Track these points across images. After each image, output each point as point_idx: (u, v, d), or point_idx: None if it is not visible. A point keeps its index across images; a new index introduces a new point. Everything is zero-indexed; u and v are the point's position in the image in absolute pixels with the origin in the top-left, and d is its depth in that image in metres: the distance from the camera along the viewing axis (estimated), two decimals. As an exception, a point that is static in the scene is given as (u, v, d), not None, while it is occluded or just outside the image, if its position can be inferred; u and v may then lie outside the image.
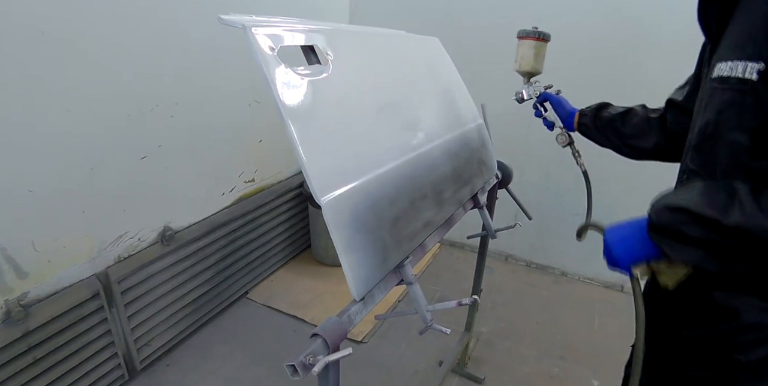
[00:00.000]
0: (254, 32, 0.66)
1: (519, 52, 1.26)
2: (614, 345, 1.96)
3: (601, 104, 1.16)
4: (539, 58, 1.26)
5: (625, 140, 1.08)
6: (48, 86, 1.26)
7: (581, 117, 1.19)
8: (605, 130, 1.12)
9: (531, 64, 1.25)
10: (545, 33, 1.23)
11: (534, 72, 1.27)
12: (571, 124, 1.22)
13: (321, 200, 0.65)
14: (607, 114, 1.12)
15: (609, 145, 1.13)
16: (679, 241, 0.64)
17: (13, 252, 1.28)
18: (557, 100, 1.26)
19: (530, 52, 1.24)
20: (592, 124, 1.15)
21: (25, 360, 1.32)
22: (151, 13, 1.49)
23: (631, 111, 1.08)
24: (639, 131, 1.05)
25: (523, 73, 1.30)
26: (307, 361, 0.59)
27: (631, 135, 1.06)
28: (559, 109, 1.25)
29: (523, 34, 1.24)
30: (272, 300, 2.19)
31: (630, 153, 1.10)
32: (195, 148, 1.79)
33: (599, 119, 1.13)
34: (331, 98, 0.75)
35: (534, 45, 1.23)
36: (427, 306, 0.81)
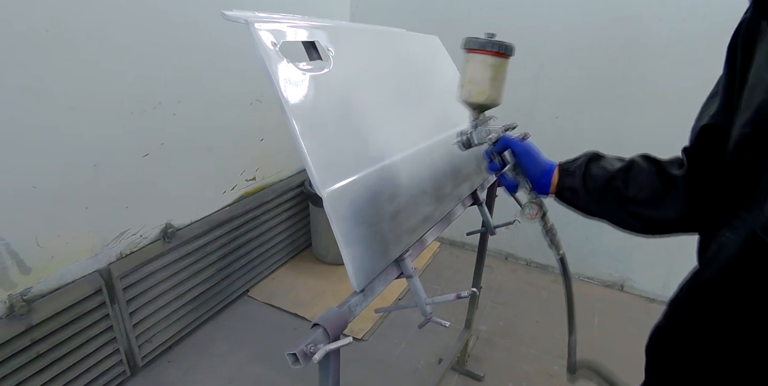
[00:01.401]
0: (257, 27, 0.67)
1: (467, 72, 0.82)
2: (614, 344, 1.97)
3: (589, 156, 0.78)
4: (497, 83, 0.82)
5: (632, 209, 0.72)
6: (52, 84, 1.28)
7: (564, 176, 0.79)
8: (602, 195, 0.75)
9: (486, 92, 0.81)
10: (507, 44, 0.80)
11: (489, 103, 0.83)
12: (545, 185, 0.81)
13: (322, 192, 0.66)
14: (599, 170, 0.75)
15: (605, 215, 0.77)
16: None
17: (17, 248, 1.29)
18: (524, 150, 0.82)
19: (485, 74, 0.80)
20: (582, 187, 0.76)
21: (28, 355, 1.34)
22: (153, 12, 1.50)
23: (634, 165, 0.74)
24: (653, 194, 0.70)
25: (471, 105, 0.84)
26: (308, 350, 0.60)
27: (642, 200, 0.71)
28: (528, 162, 0.82)
29: (476, 47, 0.80)
30: (273, 299, 2.20)
31: (640, 226, 0.73)
32: (197, 146, 1.80)
33: (591, 179, 0.75)
34: (333, 93, 0.77)
35: (491, 63, 0.80)
36: (427, 300, 0.82)
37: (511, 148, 0.83)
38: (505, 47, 0.79)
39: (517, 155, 0.83)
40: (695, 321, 0.55)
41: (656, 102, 2.06)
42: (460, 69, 0.84)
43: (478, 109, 0.85)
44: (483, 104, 0.83)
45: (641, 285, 2.38)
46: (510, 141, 0.83)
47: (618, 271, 2.42)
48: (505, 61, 0.81)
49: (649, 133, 2.10)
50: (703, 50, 1.88)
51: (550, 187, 0.81)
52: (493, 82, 0.81)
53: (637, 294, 2.39)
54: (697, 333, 0.55)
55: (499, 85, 0.82)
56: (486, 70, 0.80)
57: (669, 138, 2.02)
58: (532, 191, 0.84)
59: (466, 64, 0.82)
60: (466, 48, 0.82)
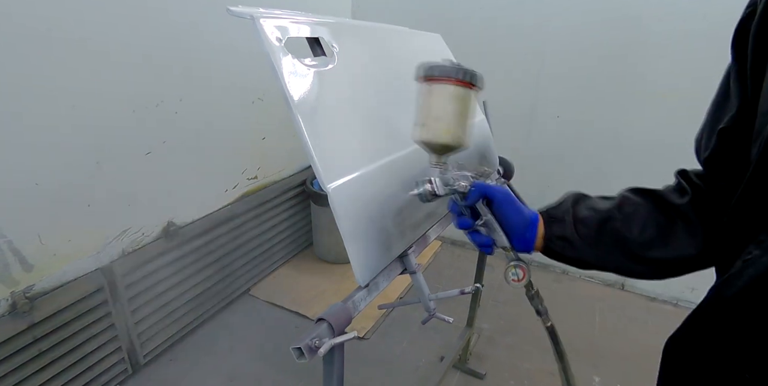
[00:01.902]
0: (262, 23, 0.67)
1: (429, 105, 0.67)
2: (615, 343, 1.97)
3: (574, 197, 0.68)
4: (464, 118, 0.67)
5: (638, 251, 0.61)
6: (54, 82, 1.28)
7: (551, 224, 0.66)
8: (597, 239, 0.63)
9: (452, 130, 0.66)
10: (476, 73, 0.66)
11: (455, 145, 0.68)
12: (530, 240, 0.67)
13: (327, 187, 0.67)
14: (589, 212, 0.64)
15: (606, 264, 0.64)
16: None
17: (20, 245, 1.29)
18: (505, 198, 0.67)
19: (450, 108, 0.66)
20: (575, 233, 0.64)
21: (30, 352, 1.34)
22: (155, 10, 1.51)
23: (626, 201, 0.64)
24: (660, 232, 0.59)
25: (434, 147, 0.69)
26: (313, 344, 0.60)
27: (649, 241, 0.60)
28: (510, 214, 0.67)
29: (438, 74, 0.66)
30: (274, 297, 2.21)
31: (648, 271, 0.62)
32: (199, 145, 1.81)
33: (583, 225, 0.64)
34: (337, 89, 0.77)
35: (458, 95, 0.66)
36: (431, 295, 0.83)
37: (489, 198, 0.67)
38: (474, 76, 0.66)
39: (498, 205, 0.67)
40: (714, 337, 0.51)
41: (657, 102, 2.06)
42: (417, 103, 0.69)
43: (441, 151, 0.69)
44: (448, 145, 0.67)
45: (642, 284, 2.38)
46: (488, 188, 0.67)
47: (617, 281, 2.42)
48: (474, 93, 0.68)
49: (650, 133, 2.11)
50: (703, 50, 1.88)
51: (534, 242, 0.67)
52: (461, 117, 0.67)
53: (638, 293, 2.39)
54: (715, 349, 0.51)
55: (466, 123, 0.68)
56: (451, 103, 0.66)
57: (669, 138, 2.04)
58: (512, 249, 0.68)
59: (426, 98, 0.67)
60: (425, 76, 0.67)
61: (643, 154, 2.14)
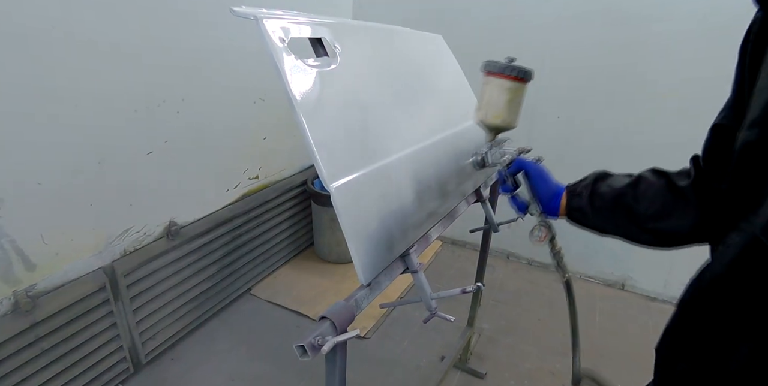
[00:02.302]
0: (266, 24, 0.68)
1: (485, 94, 0.85)
2: (615, 342, 1.98)
3: (596, 175, 0.81)
4: (514, 106, 0.85)
5: (644, 223, 0.73)
6: (57, 82, 1.28)
7: (571, 197, 0.81)
8: (612, 213, 0.76)
9: (501, 115, 0.84)
10: (526, 69, 0.82)
11: (505, 126, 0.87)
12: (554, 207, 0.84)
13: (330, 186, 0.67)
14: (607, 188, 0.77)
15: (619, 231, 0.77)
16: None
17: (22, 244, 1.30)
18: (537, 172, 0.85)
19: (502, 97, 0.83)
20: (590, 206, 0.78)
21: (32, 351, 1.34)
22: (158, 10, 1.51)
23: (642, 180, 0.75)
24: (664, 207, 0.71)
25: (487, 127, 0.88)
26: (316, 342, 0.61)
27: (653, 214, 0.71)
28: (540, 185, 0.85)
29: (494, 69, 0.83)
30: (275, 297, 2.21)
31: (654, 240, 0.74)
32: (200, 145, 1.81)
33: (599, 198, 0.77)
34: (339, 89, 0.77)
35: (508, 87, 0.82)
36: (432, 294, 0.83)
37: (525, 170, 0.86)
38: (524, 72, 0.82)
39: (530, 177, 0.86)
40: (701, 321, 0.54)
41: (657, 102, 2.07)
42: (478, 91, 0.87)
43: (493, 131, 0.89)
44: (498, 127, 0.87)
45: (642, 284, 2.39)
46: (524, 163, 0.86)
47: (619, 270, 2.42)
48: (523, 85, 0.84)
49: (650, 133, 2.11)
50: (704, 50, 1.88)
51: (559, 210, 0.84)
52: (510, 105, 0.84)
53: (638, 293, 2.40)
54: (703, 334, 0.54)
55: (516, 109, 0.86)
56: (503, 93, 0.83)
57: (670, 138, 2.04)
58: (541, 214, 0.86)
59: (485, 87, 0.85)
60: (485, 71, 0.84)
61: (643, 154, 2.14)
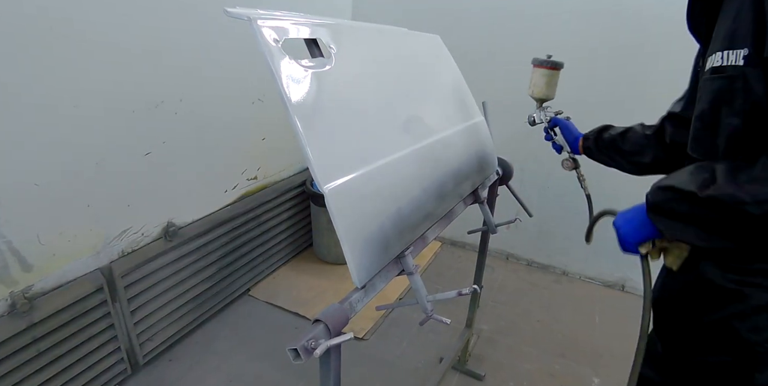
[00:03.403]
0: (260, 24, 0.67)
1: (532, 79, 1.34)
2: (615, 344, 1.97)
3: (602, 127, 1.23)
4: (551, 86, 1.34)
5: (626, 157, 1.14)
6: (55, 82, 1.28)
7: (585, 141, 1.26)
8: (608, 150, 1.18)
9: (543, 92, 1.34)
10: (558, 62, 1.31)
11: (546, 98, 1.36)
12: (576, 148, 1.29)
13: (324, 188, 0.66)
14: (608, 135, 1.18)
15: (613, 163, 1.19)
16: (671, 218, 0.70)
17: (19, 245, 1.29)
18: (565, 125, 1.33)
19: (542, 80, 1.32)
20: (595, 146, 1.22)
21: (29, 353, 1.34)
22: (156, 11, 1.51)
23: (630, 130, 1.14)
24: (638, 147, 1.10)
25: (535, 99, 1.39)
26: (309, 345, 0.61)
27: (632, 152, 1.12)
28: (567, 133, 1.32)
29: (537, 63, 1.32)
30: (274, 298, 2.21)
31: (632, 169, 1.15)
32: (199, 145, 1.81)
33: (601, 141, 1.20)
34: (335, 90, 0.77)
35: (546, 73, 1.31)
36: (428, 297, 0.82)
37: (558, 125, 1.36)
38: (556, 64, 1.31)
39: (561, 128, 1.35)
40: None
41: (658, 102, 2.04)
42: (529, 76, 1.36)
43: (539, 101, 1.39)
44: (542, 99, 1.38)
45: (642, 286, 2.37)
46: (558, 120, 1.37)
47: (619, 271, 2.42)
48: (556, 72, 1.33)
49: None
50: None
51: (579, 149, 1.29)
52: (548, 85, 1.34)
53: (638, 294, 2.38)
54: None
55: (553, 87, 1.35)
56: (543, 77, 1.33)
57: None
58: (569, 152, 1.34)
59: (532, 74, 1.34)
60: (532, 64, 1.33)
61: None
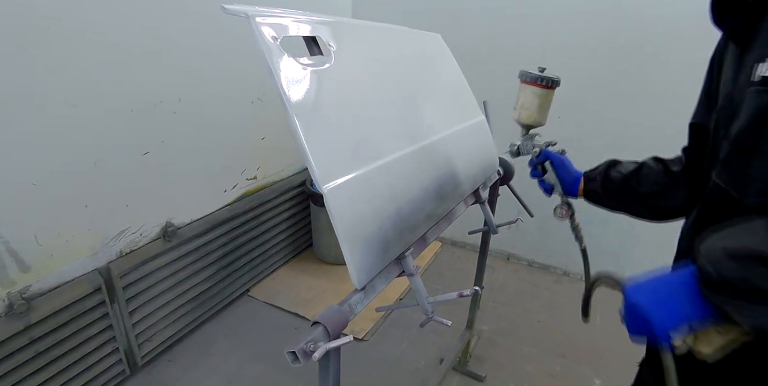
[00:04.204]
0: (258, 22, 0.66)
1: (520, 98, 1.07)
2: (615, 345, 1.96)
3: (608, 163, 0.98)
4: (544, 109, 1.06)
5: (645, 201, 0.90)
6: (53, 82, 1.27)
7: (588, 182, 1.01)
8: (619, 193, 0.94)
9: (534, 116, 1.06)
10: (554, 78, 1.02)
11: (536, 124, 1.09)
12: (575, 190, 1.03)
13: (323, 188, 0.65)
14: (617, 174, 0.94)
15: (625, 209, 0.96)
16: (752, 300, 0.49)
17: (16, 246, 1.28)
18: (560, 162, 1.05)
19: (534, 102, 1.04)
20: (602, 188, 0.96)
21: (27, 354, 1.33)
22: (155, 10, 1.50)
23: (644, 166, 0.92)
24: (661, 188, 0.88)
25: (522, 125, 1.11)
26: (308, 348, 0.59)
27: (653, 194, 0.88)
28: (562, 171, 1.05)
29: (528, 79, 1.03)
30: (274, 298, 2.20)
31: (653, 215, 0.92)
32: (198, 145, 1.80)
33: (610, 181, 0.95)
34: (334, 88, 0.76)
35: (539, 93, 1.03)
36: (428, 298, 0.81)
37: (551, 160, 1.06)
38: (552, 81, 1.02)
39: (555, 165, 1.06)
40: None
41: (658, 102, 2.05)
42: (516, 94, 1.08)
43: (526, 127, 1.11)
44: (530, 125, 1.10)
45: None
46: (550, 154, 1.07)
47: (619, 270, 2.40)
48: (551, 92, 1.04)
49: (651, 133, 2.09)
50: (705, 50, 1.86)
51: (578, 192, 1.03)
52: (540, 108, 1.06)
53: (640, 294, 2.38)
54: None
55: (545, 111, 1.07)
56: (535, 98, 1.05)
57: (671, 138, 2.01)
58: (563, 195, 1.06)
59: (520, 92, 1.07)
60: (520, 79, 1.05)
61: (644, 154, 2.11)
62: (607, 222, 2.26)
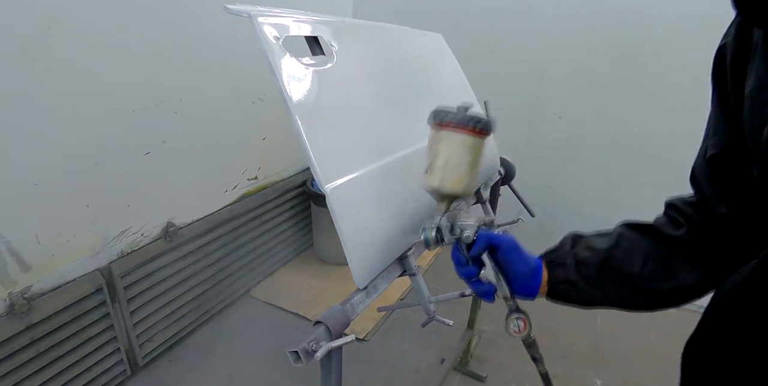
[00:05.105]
0: (260, 21, 0.66)
1: (440, 153, 0.65)
2: (616, 345, 1.96)
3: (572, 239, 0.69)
4: (477, 168, 0.67)
5: (642, 285, 0.61)
6: (53, 81, 1.27)
7: (554, 269, 0.67)
8: (598, 278, 0.64)
9: (464, 181, 0.66)
10: (487, 120, 0.65)
11: (465, 194, 0.67)
12: (533, 287, 0.68)
13: (325, 188, 0.66)
14: (588, 254, 0.65)
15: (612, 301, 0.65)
16: None
17: (17, 246, 1.28)
18: (513, 248, 0.68)
19: (464, 157, 0.65)
20: (578, 275, 0.65)
21: (28, 354, 1.33)
22: (156, 10, 1.50)
23: (622, 238, 0.64)
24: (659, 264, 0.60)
25: (443, 195, 0.67)
26: (310, 348, 0.59)
27: (651, 275, 0.61)
28: (516, 262, 0.67)
29: (454, 121, 0.64)
30: (274, 298, 2.19)
31: (653, 302, 0.63)
32: (198, 145, 1.80)
33: (584, 266, 0.64)
34: (336, 88, 0.76)
35: (472, 144, 0.65)
36: (430, 298, 0.82)
37: (494, 246, 0.67)
38: (488, 124, 0.65)
39: (503, 254, 0.67)
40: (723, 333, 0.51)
41: (659, 102, 2.05)
42: (428, 145, 0.67)
43: (450, 198, 0.68)
44: (458, 195, 0.67)
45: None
46: (493, 237, 0.67)
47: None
48: (482, 140, 0.66)
49: (652, 133, 2.09)
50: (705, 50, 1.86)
51: (539, 289, 0.67)
52: (473, 167, 0.66)
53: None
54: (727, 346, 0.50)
55: (478, 171, 0.67)
56: (465, 153, 0.64)
57: (671, 138, 2.03)
58: (512, 297, 0.69)
59: (439, 145, 0.65)
60: (437, 123, 0.65)
61: (645, 154, 2.13)
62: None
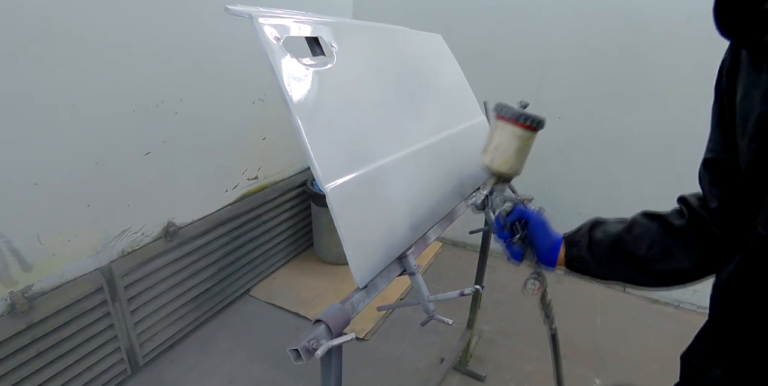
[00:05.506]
0: (261, 22, 0.67)
1: (495, 138, 0.83)
2: (616, 345, 1.96)
3: (591, 223, 0.81)
4: (523, 155, 0.83)
5: (645, 266, 0.72)
6: (54, 82, 1.27)
7: (570, 247, 0.81)
8: (611, 259, 0.76)
9: (510, 163, 0.82)
10: (538, 118, 0.81)
11: (511, 174, 0.85)
12: (552, 258, 0.82)
13: (325, 187, 0.66)
14: (604, 236, 0.77)
15: (620, 277, 0.77)
16: None
17: (18, 245, 1.29)
18: (539, 223, 0.83)
19: (512, 145, 0.81)
20: (589, 254, 0.78)
21: (29, 353, 1.33)
22: (156, 10, 1.50)
23: (635, 224, 0.75)
24: (663, 249, 0.71)
25: (494, 172, 0.85)
26: (310, 346, 0.60)
27: (654, 257, 0.71)
28: (540, 235, 0.83)
29: (507, 115, 0.81)
30: (274, 298, 2.20)
31: (656, 282, 0.74)
32: (199, 145, 1.80)
33: (597, 246, 0.77)
34: (336, 89, 0.76)
35: (520, 135, 0.81)
36: (430, 297, 0.82)
37: (526, 220, 0.84)
38: (538, 122, 0.80)
39: (531, 227, 0.83)
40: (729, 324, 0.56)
41: (659, 102, 2.05)
42: (488, 131, 0.85)
43: (497, 176, 0.87)
44: (504, 174, 0.85)
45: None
46: (526, 213, 0.85)
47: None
48: (534, 134, 0.82)
49: (652, 133, 2.10)
50: (705, 50, 1.87)
51: (556, 261, 0.82)
52: (519, 154, 0.82)
53: (640, 295, 2.38)
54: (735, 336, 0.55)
55: (524, 157, 0.84)
56: (514, 141, 0.81)
57: (671, 138, 2.03)
58: (536, 264, 0.84)
59: (495, 131, 0.83)
60: (497, 114, 0.83)
61: (645, 154, 2.13)
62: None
